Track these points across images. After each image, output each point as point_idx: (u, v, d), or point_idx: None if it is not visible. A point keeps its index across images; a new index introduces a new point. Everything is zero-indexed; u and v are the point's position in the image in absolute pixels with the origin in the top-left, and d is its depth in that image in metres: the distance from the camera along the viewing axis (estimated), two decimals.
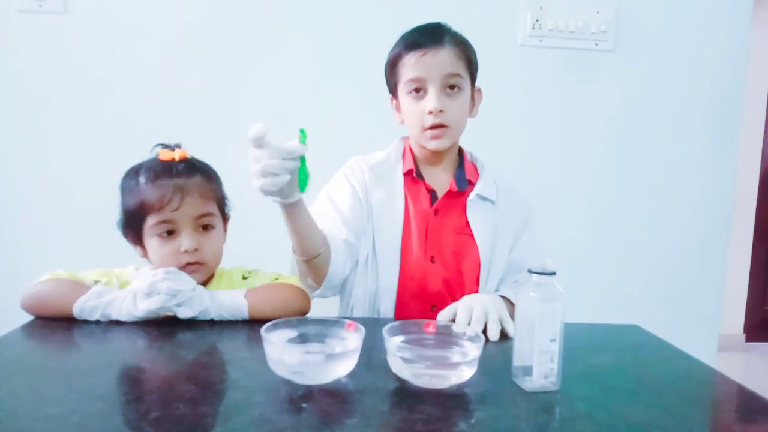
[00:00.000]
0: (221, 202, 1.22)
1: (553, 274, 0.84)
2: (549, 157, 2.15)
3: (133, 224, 1.15)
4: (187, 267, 1.13)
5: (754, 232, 3.77)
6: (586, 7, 2.09)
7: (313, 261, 1.19)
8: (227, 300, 1.10)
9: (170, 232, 1.13)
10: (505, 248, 1.36)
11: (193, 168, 1.16)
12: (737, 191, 2.29)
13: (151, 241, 1.14)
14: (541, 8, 2.07)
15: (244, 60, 2.02)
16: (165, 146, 1.20)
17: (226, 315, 1.09)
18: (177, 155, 1.16)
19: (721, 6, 2.14)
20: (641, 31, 2.13)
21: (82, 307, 1.05)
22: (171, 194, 1.10)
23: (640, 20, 2.13)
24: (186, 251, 1.13)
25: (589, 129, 2.16)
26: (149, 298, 1.03)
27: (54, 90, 1.96)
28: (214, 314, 1.08)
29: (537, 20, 2.07)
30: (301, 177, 1.02)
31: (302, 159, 1.01)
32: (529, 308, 0.83)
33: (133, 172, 1.16)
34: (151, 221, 1.12)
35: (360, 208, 1.34)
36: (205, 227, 1.17)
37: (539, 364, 0.83)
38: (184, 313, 1.05)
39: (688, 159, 2.21)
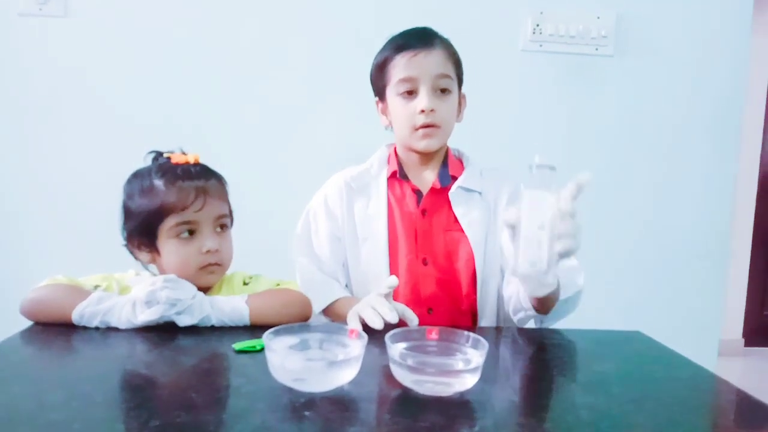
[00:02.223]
0: (230, 208, 1.22)
1: (551, 168, 0.87)
2: (549, 161, 2.14)
3: (146, 227, 1.12)
4: (207, 267, 1.14)
5: (753, 237, 3.77)
6: (586, 12, 2.09)
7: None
8: (228, 306, 1.09)
9: (191, 233, 1.13)
10: (497, 236, 1.33)
11: (209, 171, 1.18)
12: (737, 197, 2.29)
13: (169, 243, 1.12)
14: (541, 13, 2.07)
15: (245, 63, 2.02)
16: (159, 153, 1.19)
17: (227, 321, 1.08)
18: (191, 159, 1.17)
19: (722, 11, 2.15)
20: (641, 37, 2.14)
21: (82, 313, 1.04)
22: (194, 196, 1.11)
23: (641, 25, 2.13)
24: (208, 251, 1.13)
25: (588, 134, 2.16)
26: (149, 308, 1.02)
27: (54, 93, 1.96)
28: (215, 320, 1.08)
29: (537, 25, 2.07)
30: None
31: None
32: (521, 197, 0.86)
33: (145, 175, 1.14)
34: (170, 222, 1.11)
35: (337, 241, 1.38)
36: (223, 227, 1.18)
37: (525, 249, 0.84)
38: (184, 321, 1.05)
39: (687, 164, 2.21)
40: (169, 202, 1.10)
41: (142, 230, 1.13)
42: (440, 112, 1.27)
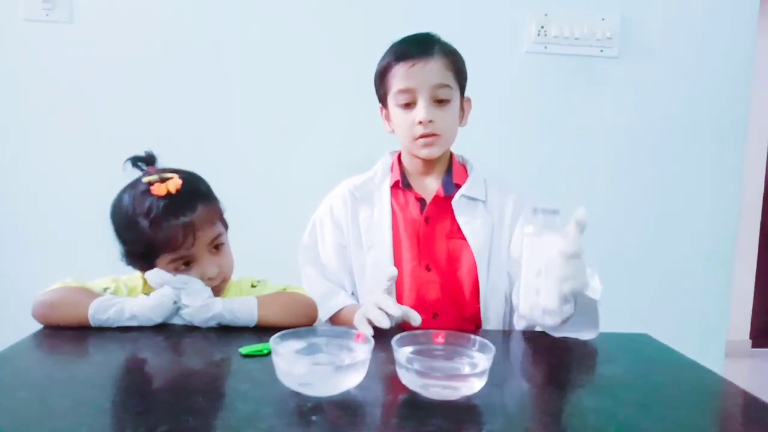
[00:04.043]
0: (223, 217, 1.20)
1: (554, 212, 0.86)
2: (553, 164, 2.14)
3: (141, 260, 1.12)
4: (213, 290, 1.13)
5: (760, 238, 3.76)
6: (591, 13, 2.09)
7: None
8: (237, 303, 1.10)
9: (188, 263, 1.12)
10: (503, 245, 1.34)
11: (193, 197, 1.11)
12: (743, 198, 2.28)
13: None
14: (546, 15, 2.07)
15: (250, 69, 2.02)
16: (137, 159, 1.15)
17: (237, 315, 1.09)
18: (172, 188, 1.08)
19: (727, 13, 2.14)
20: (646, 38, 2.13)
21: (97, 307, 1.05)
22: (182, 235, 1.07)
23: (645, 27, 2.12)
24: (210, 278, 1.12)
25: (593, 135, 2.15)
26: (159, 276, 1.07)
27: (60, 98, 1.97)
28: (221, 308, 1.08)
29: (542, 27, 2.07)
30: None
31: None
32: (521, 243, 0.88)
33: (129, 209, 1.09)
34: (164, 259, 1.09)
35: (343, 250, 1.38)
36: (218, 247, 1.16)
37: (525, 295, 0.86)
38: (189, 301, 1.06)
39: (693, 166, 2.20)
40: (157, 243, 1.07)
41: (138, 260, 1.13)
42: (439, 122, 1.27)
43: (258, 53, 2.02)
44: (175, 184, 1.08)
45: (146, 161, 1.16)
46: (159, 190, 1.07)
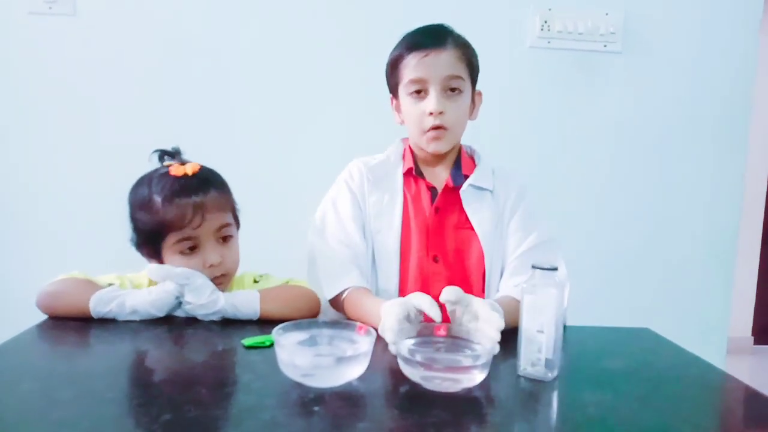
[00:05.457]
0: (234, 211, 1.22)
1: (553, 269, 0.87)
2: (556, 159, 2.14)
3: (150, 242, 1.14)
4: (213, 280, 1.13)
5: (762, 235, 3.75)
6: (594, 8, 2.08)
7: None
8: (239, 297, 1.11)
9: (192, 248, 1.13)
10: (504, 235, 1.33)
11: (208, 182, 1.15)
12: (745, 195, 2.27)
13: (173, 259, 1.13)
14: (549, 10, 2.06)
15: (252, 62, 2.02)
16: (164, 152, 1.19)
17: (240, 309, 1.09)
18: (189, 170, 1.14)
19: (730, 9, 2.13)
20: (650, 33, 2.12)
21: (99, 298, 1.05)
22: (192, 213, 1.10)
23: (649, 22, 2.12)
24: (212, 266, 1.13)
25: (596, 131, 2.15)
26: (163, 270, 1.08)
27: (63, 91, 1.97)
28: (224, 303, 1.09)
29: (545, 22, 2.06)
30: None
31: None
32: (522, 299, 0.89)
33: (145, 189, 1.13)
34: (171, 239, 1.11)
35: (361, 216, 1.34)
36: (225, 238, 1.17)
37: (526, 351, 0.88)
38: (192, 299, 1.07)
39: (696, 161, 2.19)
40: (167, 219, 1.10)
41: (148, 244, 1.15)
42: (449, 114, 1.27)
43: (262, 44, 2.01)
44: (192, 167, 1.15)
45: (172, 156, 1.20)
46: (177, 170, 1.13)
